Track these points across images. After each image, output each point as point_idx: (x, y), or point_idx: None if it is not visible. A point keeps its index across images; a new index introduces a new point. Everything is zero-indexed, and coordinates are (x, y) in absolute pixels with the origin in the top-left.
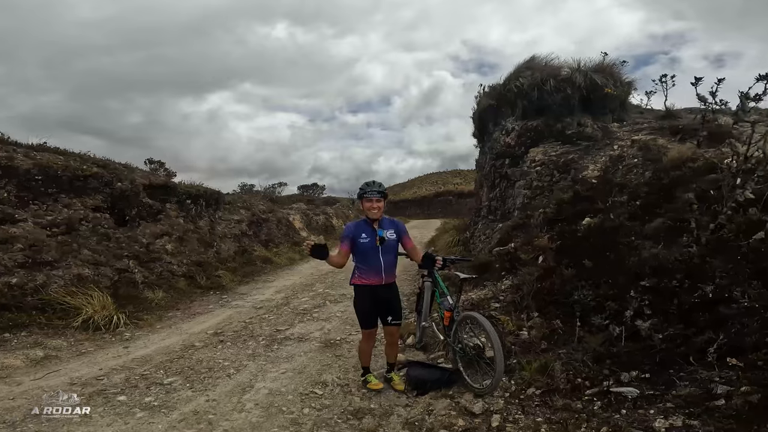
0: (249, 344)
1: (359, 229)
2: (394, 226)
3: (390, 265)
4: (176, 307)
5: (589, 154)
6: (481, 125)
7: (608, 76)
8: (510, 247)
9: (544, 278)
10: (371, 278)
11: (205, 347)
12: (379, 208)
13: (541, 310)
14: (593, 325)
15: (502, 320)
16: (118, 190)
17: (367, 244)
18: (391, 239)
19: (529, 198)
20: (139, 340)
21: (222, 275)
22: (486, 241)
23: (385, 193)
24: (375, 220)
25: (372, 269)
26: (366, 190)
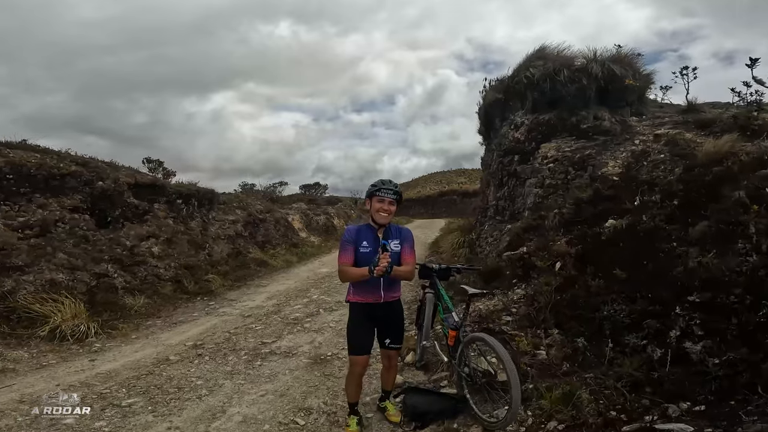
0: (229, 359)
1: (360, 235)
2: (400, 235)
3: (392, 281)
4: (157, 315)
5: (607, 150)
6: (487, 121)
7: (626, 67)
8: (522, 251)
9: (564, 289)
10: (368, 295)
11: (180, 362)
12: (390, 212)
13: (562, 326)
14: (627, 346)
15: (515, 337)
16: (99, 189)
17: (367, 255)
18: (395, 251)
19: (541, 197)
20: (108, 352)
21: (211, 279)
22: (494, 244)
23: (401, 195)
24: (381, 227)
25: (369, 285)
26: (379, 187)
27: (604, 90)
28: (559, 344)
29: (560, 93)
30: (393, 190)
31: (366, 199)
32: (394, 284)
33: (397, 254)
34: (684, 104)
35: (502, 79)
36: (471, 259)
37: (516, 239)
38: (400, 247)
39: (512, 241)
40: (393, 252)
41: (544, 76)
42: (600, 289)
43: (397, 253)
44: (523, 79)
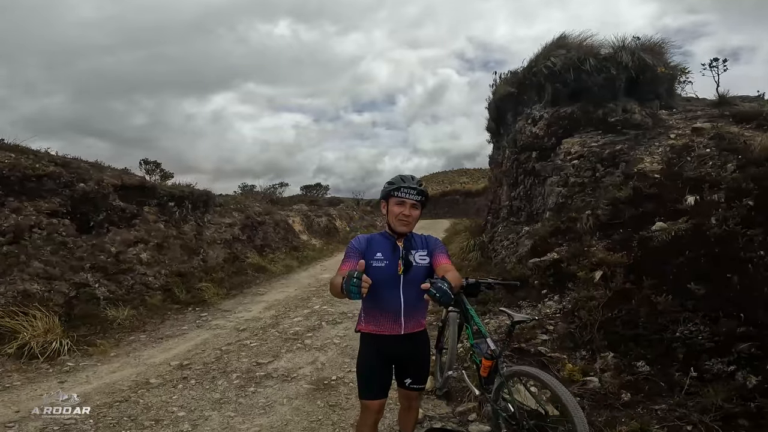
0: (218, 384)
1: (373, 245)
2: (426, 244)
3: (415, 306)
4: (142, 329)
5: (640, 145)
6: (498, 116)
7: (656, 57)
8: (551, 257)
9: (615, 304)
10: (384, 325)
11: (162, 386)
12: (412, 218)
13: (616, 348)
14: (708, 372)
15: (557, 361)
16: (80, 191)
17: (382, 271)
18: (421, 265)
19: (565, 197)
20: (81, 373)
21: (204, 288)
22: (510, 248)
23: (427, 195)
24: (401, 236)
25: (386, 312)
26: (398, 185)
27: (634, 80)
28: (615, 369)
29: (585, 84)
30: (416, 189)
31: (381, 201)
32: (419, 309)
33: (424, 269)
34: (715, 97)
35: (515, 71)
36: (483, 263)
37: (541, 243)
38: (428, 260)
39: (536, 246)
40: (419, 266)
41: (566, 65)
42: (669, 306)
43: (425, 268)
44: (543, 70)
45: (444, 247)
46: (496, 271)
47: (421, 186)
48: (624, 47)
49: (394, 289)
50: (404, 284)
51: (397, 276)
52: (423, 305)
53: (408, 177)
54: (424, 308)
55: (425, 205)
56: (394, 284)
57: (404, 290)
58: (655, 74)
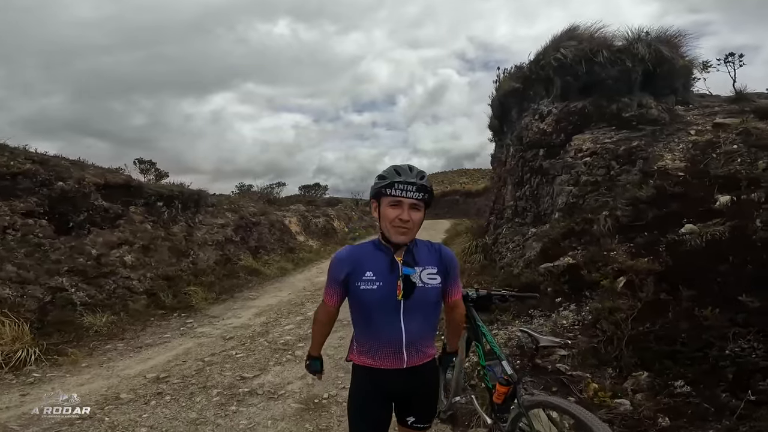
0: (196, 401)
1: (362, 261)
2: (439, 258)
3: (421, 335)
4: (121, 336)
5: (658, 141)
6: (502, 113)
7: (673, 50)
8: (565, 262)
9: (647, 316)
10: (383, 359)
11: (133, 402)
12: (414, 222)
13: (650, 366)
14: (763, 393)
15: (579, 380)
16: (59, 190)
17: (374, 296)
18: (430, 286)
19: (575, 196)
20: (47, 384)
21: (192, 292)
22: (516, 250)
23: (431, 192)
24: (399, 247)
25: (383, 343)
26: (392, 180)
27: (651, 74)
28: (648, 390)
29: (598, 77)
30: (417, 184)
31: (372, 202)
32: (426, 338)
33: (434, 291)
34: (731, 93)
35: (521, 66)
36: (487, 267)
37: (552, 246)
38: (439, 279)
39: (546, 249)
40: (427, 286)
41: (578, 57)
42: (715, 320)
43: (435, 290)
44: (552, 62)
45: (458, 268)
46: (501, 276)
47: (423, 180)
48: (639, 39)
49: (392, 317)
50: (406, 310)
51: (396, 301)
52: (431, 333)
53: (404, 168)
54: (432, 336)
55: (429, 204)
56: (392, 311)
57: (406, 318)
58: (673, 67)
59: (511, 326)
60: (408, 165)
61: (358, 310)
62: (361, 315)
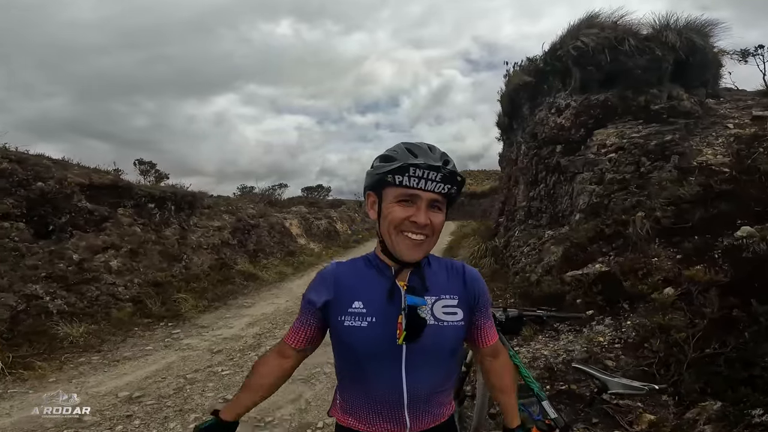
0: (170, 427)
1: (350, 285)
2: (460, 282)
3: (432, 390)
4: (98, 348)
5: (693, 135)
6: (512, 109)
7: (704, 39)
8: (596, 269)
9: (713, 335)
10: (374, 423)
11: (97, 426)
12: (434, 228)
13: (720, 395)
14: None
15: (629, 410)
16: (38, 191)
17: (363, 334)
18: (447, 323)
19: (600, 196)
20: (6, 402)
21: (182, 299)
22: (531, 255)
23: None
24: (405, 266)
25: (376, 402)
26: (405, 163)
27: (683, 64)
28: (720, 421)
29: (624, 66)
30: (444, 171)
31: (368, 195)
32: (438, 391)
33: (453, 332)
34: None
35: (533, 58)
36: (499, 272)
37: (577, 252)
38: (460, 316)
39: (570, 255)
40: (440, 326)
41: (600, 46)
42: None
43: (455, 329)
44: (571, 51)
45: (489, 297)
46: (516, 283)
47: (449, 165)
48: (668, 26)
49: (389, 368)
50: (410, 358)
51: (395, 346)
52: (447, 385)
53: (422, 147)
54: (448, 389)
55: (456, 200)
56: (390, 358)
57: (410, 368)
58: (705, 57)
59: (535, 342)
60: (427, 144)
61: (341, 355)
62: (346, 362)
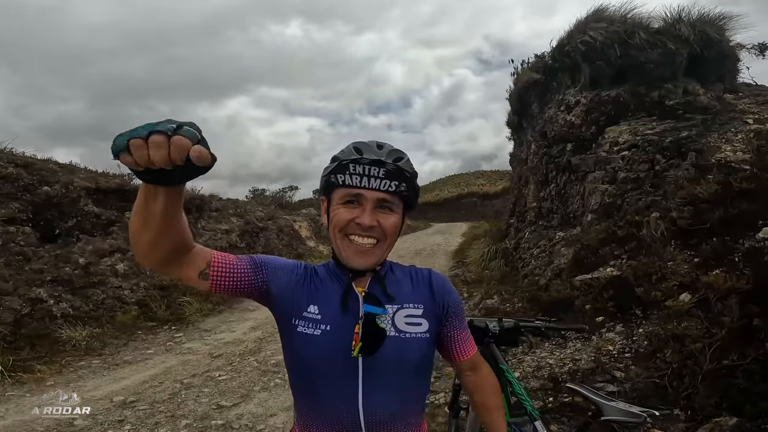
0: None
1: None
2: (426, 290)
3: (395, 414)
4: (100, 352)
5: (711, 131)
6: (521, 108)
7: (719, 32)
8: (607, 274)
9: (731, 346)
10: None
11: (87, 430)
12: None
13: (735, 409)
14: None
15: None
16: (43, 195)
17: (316, 343)
18: (409, 335)
19: (612, 195)
20: (2, 405)
21: (186, 303)
22: (542, 257)
23: (412, 182)
24: (361, 273)
25: (330, 423)
26: (348, 159)
27: (698, 57)
28: None
29: (635, 61)
30: (388, 166)
31: (321, 199)
32: (403, 413)
33: (416, 344)
34: None
35: (541, 55)
36: (508, 275)
37: (587, 255)
38: (425, 327)
39: (581, 258)
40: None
41: (609, 40)
42: None
43: (418, 342)
44: (579, 46)
45: (462, 310)
46: (525, 286)
47: (400, 161)
48: (681, 19)
49: (343, 383)
50: (368, 374)
51: (351, 360)
52: (414, 408)
53: (369, 144)
54: (417, 413)
55: (412, 204)
56: (345, 373)
57: (368, 385)
58: (722, 51)
59: (540, 350)
60: (376, 141)
61: (293, 367)
62: (298, 375)
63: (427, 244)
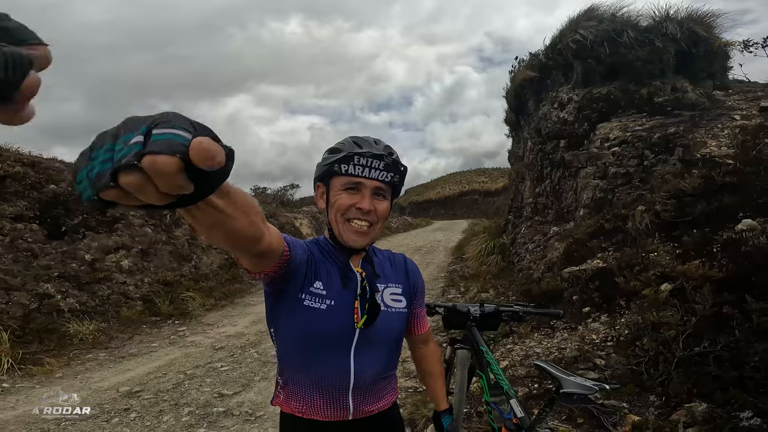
0: (163, 420)
1: (317, 261)
2: (402, 272)
3: (377, 376)
4: (106, 345)
5: (699, 127)
6: (518, 105)
7: (708, 30)
8: (594, 265)
9: (703, 333)
10: (319, 407)
11: (95, 418)
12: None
13: (708, 395)
14: None
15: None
16: (50, 193)
17: (321, 317)
18: (394, 310)
19: (603, 190)
20: (14, 396)
21: (189, 298)
22: (536, 251)
23: (403, 174)
24: (356, 252)
25: (320, 384)
26: (351, 152)
27: (686, 55)
28: (706, 423)
29: (626, 59)
30: (386, 159)
31: (317, 185)
32: (384, 376)
33: (399, 318)
34: None
35: (536, 53)
36: (505, 269)
37: (577, 248)
38: (404, 303)
39: (571, 251)
40: (389, 312)
41: (600, 38)
42: None
43: (400, 316)
44: (570, 45)
45: (424, 290)
46: (520, 280)
47: (392, 155)
48: (669, 17)
49: (340, 352)
50: (360, 343)
51: (352, 329)
52: (392, 371)
53: (367, 139)
54: (393, 375)
55: (398, 192)
56: (342, 344)
57: (359, 353)
58: (710, 48)
59: (529, 340)
60: (372, 137)
61: (292, 337)
62: (296, 344)
63: (427, 241)
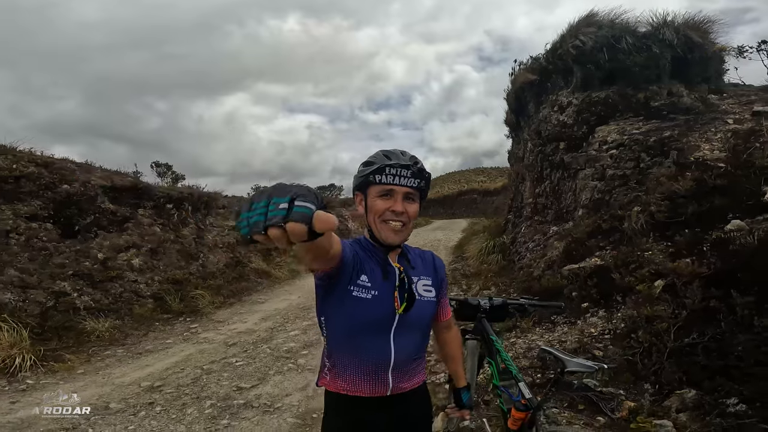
0: (187, 413)
1: (360, 258)
2: (431, 266)
3: (412, 357)
4: (122, 342)
5: (693, 131)
6: (518, 107)
7: (703, 36)
8: (592, 263)
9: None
10: (361, 384)
11: (122, 412)
12: (409, 215)
13: (697, 383)
14: None
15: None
16: (64, 193)
17: (367, 306)
18: (426, 299)
19: (601, 192)
20: (38, 392)
21: (199, 296)
22: (536, 250)
23: (427, 179)
24: (392, 248)
25: (366, 364)
26: (382, 164)
27: (682, 60)
28: (696, 409)
29: (623, 64)
30: (411, 168)
31: (356, 195)
32: (416, 358)
33: (431, 307)
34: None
35: (537, 57)
36: (506, 268)
37: (577, 247)
38: (433, 293)
39: (570, 250)
40: (423, 301)
41: (599, 44)
42: None
43: (432, 305)
44: (570, 50)
45: (447, 280)
46: (521, 278)
47: (417, 164)
48: (666, 24)
49: (382, 335)
50: (399, 327)
51: (393, 315)
52: (423, 354)
53: (395, 152)
54: (423, 358)
55: (425, 195)
56: (384, 328)
57: (398, 336)
58: (705, 54)
59: (531, 334)
60: (399, 150)
61: (341, 323)
62: (344, 329)
63: (428, 240)
